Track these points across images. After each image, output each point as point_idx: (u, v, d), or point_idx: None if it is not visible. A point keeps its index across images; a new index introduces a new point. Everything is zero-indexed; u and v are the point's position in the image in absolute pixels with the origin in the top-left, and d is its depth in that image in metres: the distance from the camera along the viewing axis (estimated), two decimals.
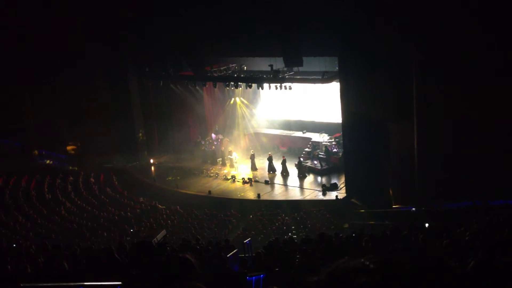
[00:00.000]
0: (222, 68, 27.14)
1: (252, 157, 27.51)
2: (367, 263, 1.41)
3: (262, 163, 27.51)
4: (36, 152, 31.26)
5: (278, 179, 26.14)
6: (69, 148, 32.00)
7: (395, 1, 19.31)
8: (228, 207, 23.54)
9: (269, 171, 26.80)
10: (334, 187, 23.68)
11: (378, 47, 19.92)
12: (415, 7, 18.90)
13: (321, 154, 26.41)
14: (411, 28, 19.31)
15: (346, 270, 1.43)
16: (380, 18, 19.48)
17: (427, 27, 19.05)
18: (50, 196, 25.82)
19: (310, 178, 25.94)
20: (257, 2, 22.42)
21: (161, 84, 28.87)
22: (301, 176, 25.81)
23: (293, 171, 26.25)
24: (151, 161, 30.07)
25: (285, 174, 26.31)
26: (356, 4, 19.91)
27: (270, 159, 26.84)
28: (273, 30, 22.31)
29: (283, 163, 26.38)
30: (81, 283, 6.98)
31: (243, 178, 26.19)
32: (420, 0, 18.87)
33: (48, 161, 30.88)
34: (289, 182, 25.58)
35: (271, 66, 24.31)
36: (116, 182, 28.06)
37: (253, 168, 27.40)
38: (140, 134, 30.65)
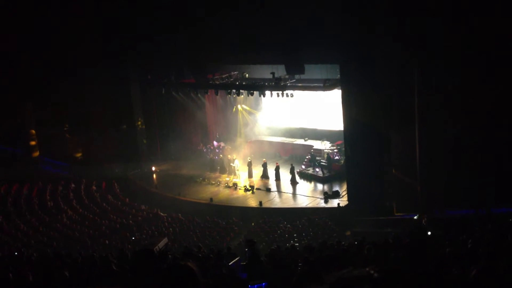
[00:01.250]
0: (224, 76, 27.21)
1: (249, 165, 27.56)
2: (372, 272, 1.42)
3: (261, 171, 27.54)
4: (37, 153, 31.23)
5: (281, 186, 26.13)
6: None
7: (395, 10, 19.38)
8: (229, 214, 23.50)
9: (262, 177, 27.09)
10: (336, 195, 23.65)
11: (379, 55, 19.99)
12: (415, 16, 18.97)
13: (323, 162, 26.41)
14: (411, 36, 19.38)
15: (350, 279, 1.44)
16: (380, 27, 19.56)
17: (428, 36, 19.11)
18: (52, 204, 25.82)
19: (311, 185, 25.93)
20: (258, 10, 22.49)
21: (163, 91, 28.95)
22: (292, 182, 25.97)
23: (288, 177, 26.46)
24: (153, 168, 30.08)
25: (277, 180, 26.61)
26: (356, 13, 19.98)
27: (264, 166, 27.02)
28: (274, 37, 22.39)
29: (277, 169, 26.62)
30: None
31: (244, 186, 26.18)
32: (420, 9, 18.91)
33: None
34: (290, 189, 25.56)
35: (273, 73, 24.38)
36: (118, 190, 28.06)
37: (250, 175, 27.47)
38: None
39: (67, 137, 31.87)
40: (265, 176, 27.06)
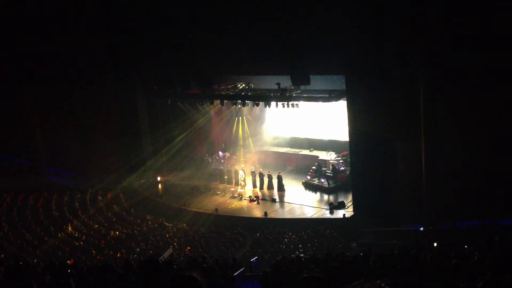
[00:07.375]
0: (229, 87, 27.31)
1: (254, 175, 27.57)
2: (383, 285, 1.42)
3: (266, 181, 27.54)
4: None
5: (284, 197, 26.11)
6: None
7: (399, 22, 19.44)
8: (235, 225, 23.46)
9: (261, 188, 27.35)
10: (342, 206, 23.56)
11: (384, 65, 20.02)
12: (419, 27, 19.02)
13: (328, 172, 26.36)
14: (417, 46, 19.42)
15: None
16: (386, 38, 19.60)
17: (433, 47, 19.13)
18: (57, 214, 25.84)
19: (317, 196, 25.86)
20: (264, 22, 22.61)
21: (169, 102, 29.04)
22: (279, 190, 26.53)
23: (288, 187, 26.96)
24: (159, 178, 30.11)
25: (266, 189, 27.11)
26: (362, 25, 20.05)
27: (261, 176, 27.34)
28: (280, 49, 22.46)
29: (269, 178, 26.87)
30: None
31: (250, 196, 26.16)
32: (424, 20, 18.96)
33: None
34: (296, 200, 25.49)
35: (278, 84, 24.42)
36: (123, 200, 28.07)
37: (255, 185, 27.51)
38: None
39: (73, 147, 31.93)
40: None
